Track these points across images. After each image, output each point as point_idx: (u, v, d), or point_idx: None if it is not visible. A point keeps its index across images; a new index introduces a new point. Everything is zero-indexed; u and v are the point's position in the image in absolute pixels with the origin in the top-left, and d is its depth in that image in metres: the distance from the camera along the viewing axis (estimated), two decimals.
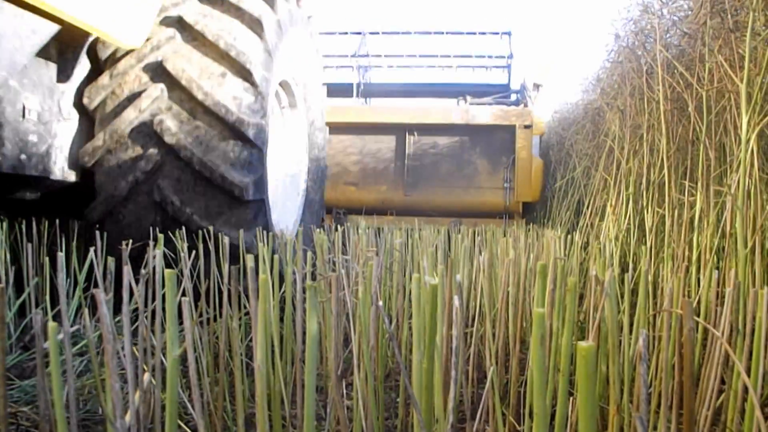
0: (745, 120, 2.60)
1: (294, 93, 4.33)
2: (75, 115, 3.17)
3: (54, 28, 2.73)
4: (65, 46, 3.01)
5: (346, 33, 9.15)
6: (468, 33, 9.32)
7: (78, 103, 3.19)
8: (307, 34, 4.35)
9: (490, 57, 9.36)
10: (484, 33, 9.25)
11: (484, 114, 7.47)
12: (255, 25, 3.35)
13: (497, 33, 9.16)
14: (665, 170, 3.55)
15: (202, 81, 3.12)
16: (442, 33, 9.31)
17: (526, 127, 7.25)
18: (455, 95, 8.97)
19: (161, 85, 3.13)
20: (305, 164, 4.61)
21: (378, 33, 9.27)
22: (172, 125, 3.06)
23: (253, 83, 3.25)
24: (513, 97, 8.96)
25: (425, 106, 8.00)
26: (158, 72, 3.16)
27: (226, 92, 3.14)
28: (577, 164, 6.18)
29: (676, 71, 3.49)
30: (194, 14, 3.27)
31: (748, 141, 2.60)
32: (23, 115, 2.73)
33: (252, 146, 3.23)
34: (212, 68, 3.18)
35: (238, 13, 3.34)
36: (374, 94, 9.32)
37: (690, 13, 3.45)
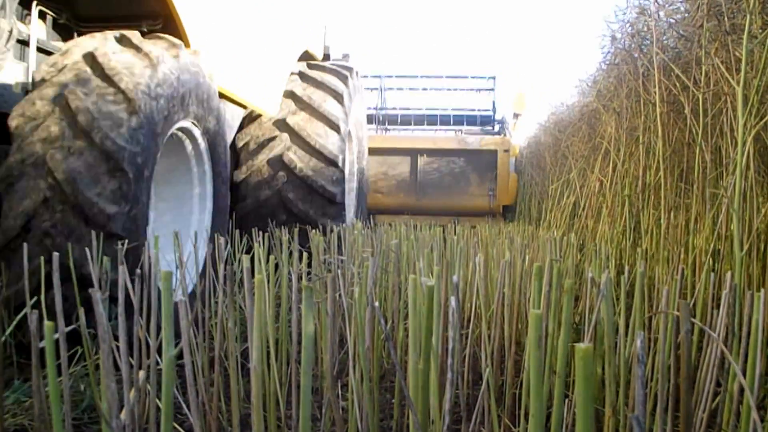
0: (741, 122, 2.61)
1: (352, 136, 6.22)
2: None
3: (244, 111, 5.10)
4: None
5: (366, 76, 11.53)
6: (462, 77, 12.20)
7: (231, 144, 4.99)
8: (360, 97, 6.48)
9: (479, 90, 12.09)
10: (474, 77, 12.09)
11: (475, 141, 10.28)
12: (338, 96, 5.38)
13: (485, 77, 12.03)
14: (661, 172, 3.55)
15: (310, 131, 5.14)
16: (442, 77, 12.18)
17: (505, 151, 9.99)
18: (452, 123, 11.88)
19: (286, 134, 5.14)
20: (356, 180, 6.60)
21: (392, 76, 12.13)
22: (294, 158, 5.08)
23: (340, 132, 5.25)
24: (496, 127, 11.64)
25: (432, 136, 11.09)
26: (283, 126, 5.19)
27: (325, 138, 5.15)
28: (572, 166, 6.19)
29: (672, 73, 3.50)
30: (301, 89, 5.36)
31: (744, 144, 2.61)
32: None
33: (340, 170, 5.21)
34: (316, 124, 5.20)
35: (328, 88, 5.38)
36: (391, 122, 11.96)
37: (687, 15, 3.45)
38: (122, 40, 2.82)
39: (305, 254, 2.32)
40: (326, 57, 6.49)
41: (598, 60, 5.13)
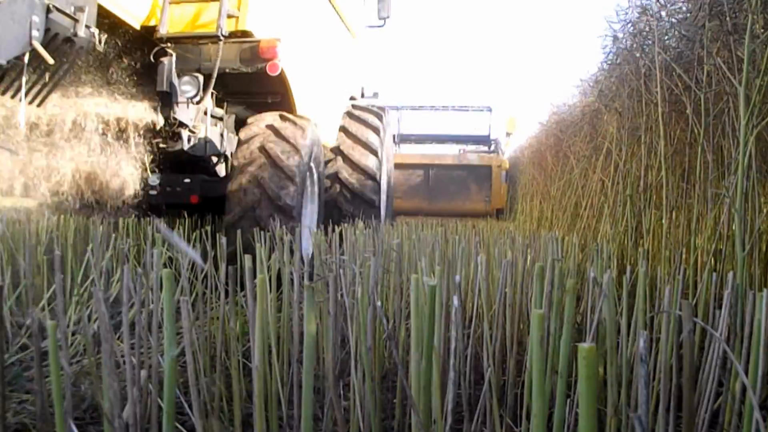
0: (743, 122, 2.60)
1: (381, 158, 7.51)
2: None
3: None
4: None
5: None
6: (464, 109, 15.51)
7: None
8: (390, 129, 8.02)
9: (479, 118, 15.77)
10: (474, 109, 15.46)
11: (475, 158, 13.82)
12: (376, 131, 6.87)
13: (482, 109, 15.43)
14: (663, 172, 3.55)
15: (357, 155, 6.62)
16: (448, 108, 15.58)
17: (498, 166, 13.26)
18: (455, 142, 15.61)
19: (339, 157, 6.61)
20: (385, 188, 7.94)
21: (406, 108, 15.59)
22: (345, 174, 6.55)
23: (378, 156, 6.75)
24: (492, 145, 15.25)
25: (441, 154, 14.39)
26: (337, 151, 6.67)
27: (367, 160, 6.64)
28: (574, 166, 6.19)
29: (674, 73, 3.50)
30: (350, 125, 6.84)
31: (746, 143, 2.60)
32: None
33: (377, 183, 6.71)
34: (361, 150, 6.67)
35: (369, 125, 6.86)
36: (405, 141, 15.40)
37: (688, 15, 3.45)
38: (274, 131, 4.46)
39: (307, 254, 2.32)
40: (362, 95, 8.41)
41: (600, 60, 5.12)
